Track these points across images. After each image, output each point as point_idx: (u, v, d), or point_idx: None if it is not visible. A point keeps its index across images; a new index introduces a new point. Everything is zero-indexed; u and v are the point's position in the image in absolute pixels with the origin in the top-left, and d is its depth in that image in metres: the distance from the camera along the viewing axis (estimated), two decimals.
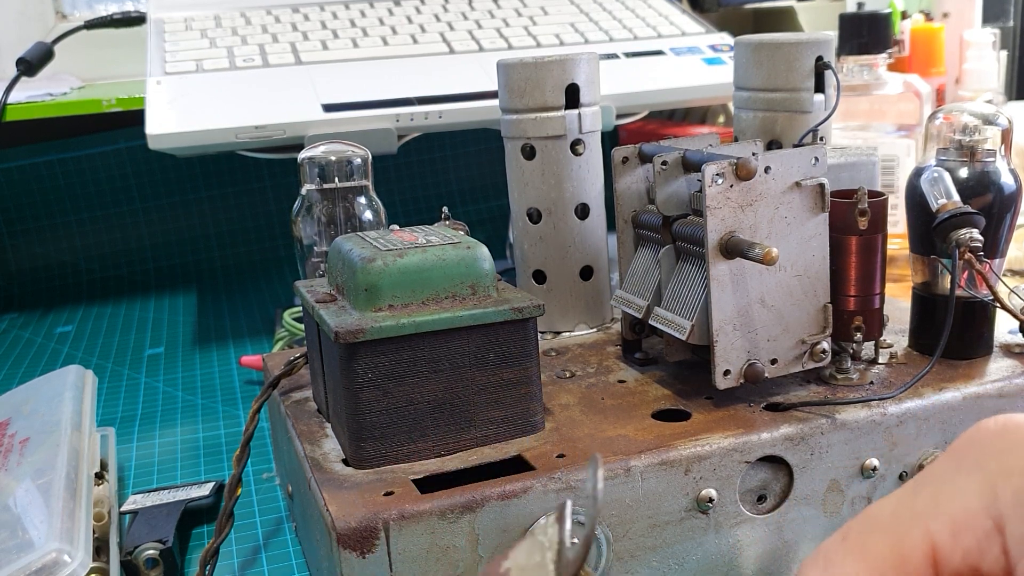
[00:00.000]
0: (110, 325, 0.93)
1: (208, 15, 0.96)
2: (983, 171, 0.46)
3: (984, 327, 0.47)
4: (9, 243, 1.04)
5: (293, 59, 0.85)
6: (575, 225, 0.54)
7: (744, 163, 0.40)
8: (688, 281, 0.44)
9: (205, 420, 0.67)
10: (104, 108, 0.87)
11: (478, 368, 0.41)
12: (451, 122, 0.77)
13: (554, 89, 0.52)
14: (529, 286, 0.56)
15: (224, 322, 0.90)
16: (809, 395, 0.44)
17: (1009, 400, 0.44)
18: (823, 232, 0.43)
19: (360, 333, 0.38)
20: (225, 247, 1.09)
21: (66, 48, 1.00)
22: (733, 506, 0.41)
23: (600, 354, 0.52)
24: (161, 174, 1.07)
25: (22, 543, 0.41)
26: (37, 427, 0.53)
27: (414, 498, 0.37)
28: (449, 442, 0.41)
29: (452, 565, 0.37)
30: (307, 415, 0.46)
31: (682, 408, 0.44)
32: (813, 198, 0.42)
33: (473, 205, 1.15)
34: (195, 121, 0.73)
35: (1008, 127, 0.46)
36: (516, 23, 0.94)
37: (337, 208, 0.57)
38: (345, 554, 0.35)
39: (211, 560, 0.42)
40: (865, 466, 0.42)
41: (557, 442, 0.41)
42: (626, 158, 0.49)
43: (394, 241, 0.43)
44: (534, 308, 0.41)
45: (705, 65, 0.86)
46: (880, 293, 0.45)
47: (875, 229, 0.44)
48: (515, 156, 0.54)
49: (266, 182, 1.10)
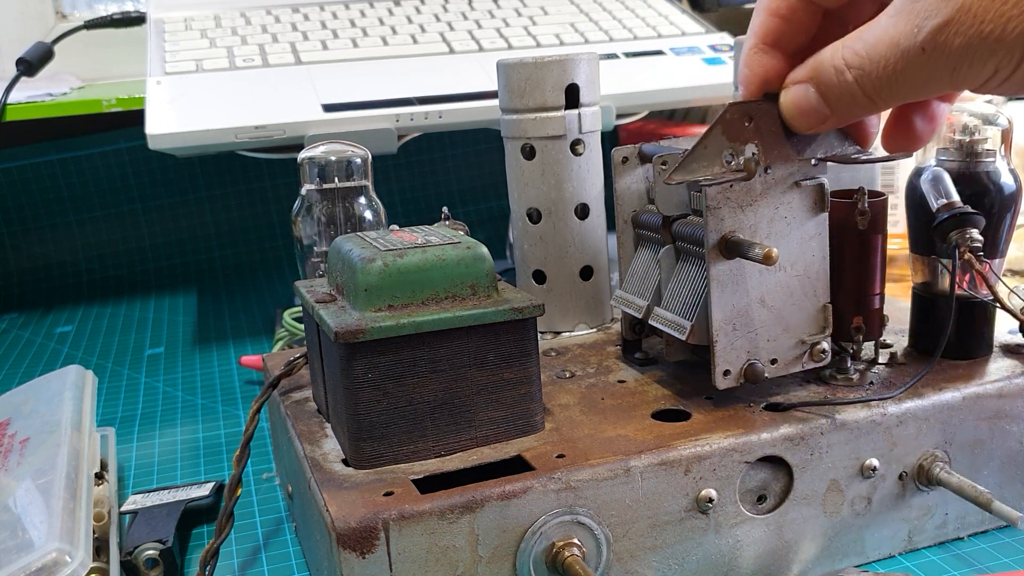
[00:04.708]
0: (110, 325, 0.93)
1: (208, 15, 0.96)
2: (983, 171, 0.46)
3: (984, 327, 0.47)
4: (9, 243, 1.04)
5: (293, 59, 0.85)
6: (575, 225, 0.54)
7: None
8: (688, 281, 0.44)
9: (205, 420, 0.67)
10: (104, 108, 0.87)
11: (478, 368, 0.41)
12: (451, 122, 0.77)
13: (554, 89, 0.52)
14: (529, 286, 0.56)
15: (224, 322, 0.90)
16: (809, 395, 0.44)
17: (1009, 400, 0.44)
18: (823, 232, 0.43)
19: (360, 333, 0.38)
20: (225, 247, 1.09)
21: (66, 48, 1.00)
22: (733, 506, 0.41)
23: (600, 354, 0.52)
24: (161, 174, 1.07)
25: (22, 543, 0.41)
26: (37, 427, 0.53)
27: (414, 498, 0.37)
28: (449, 442, 0.41)
29: (452, 565, 0.37)
30: (307, 415, 0.46)
31: (682, 408, 0.44)
32: (813, 198, 0.42)
33: (473, 205, 1.15)
34: (195, 121, 0.73)
35: (1008, 127, 0.46)
36: (516, 23, 0.94)
37: (337, 208, 0.57)
38: (345, 554, 0.35)
39: (211, 560, 0.42)
40: (865, 466, 0.42)
41: (557, 442, 0.41)
42: (626, 158, 0.49)
43: (394, 241, 0.43)
44: (534, 308, 0.41)
45: (705, 65, 0.86)
46: (880, 293, 0.45)
47: (875, 229, 0.44)
48: (515, 156, 0.54)
49: (266, 182, 1.10)
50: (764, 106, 0.40)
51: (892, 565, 0.44)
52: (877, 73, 0.34)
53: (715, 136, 0.40)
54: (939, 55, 0.33)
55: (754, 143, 0.40)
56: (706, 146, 0.40)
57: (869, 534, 0.44)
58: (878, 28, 0.34)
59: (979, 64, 0.32)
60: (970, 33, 0.31)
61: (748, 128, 0.40)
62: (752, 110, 0.40)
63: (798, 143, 0.41)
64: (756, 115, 0.40)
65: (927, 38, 0.32)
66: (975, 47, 0.32)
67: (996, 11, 0.31)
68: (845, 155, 0.42)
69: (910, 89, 0.35)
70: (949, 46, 0.32)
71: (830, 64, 0.36)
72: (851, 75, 0.35)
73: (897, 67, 0.34)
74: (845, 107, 0.37)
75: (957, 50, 0.32)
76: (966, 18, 0.31)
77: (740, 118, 0.40)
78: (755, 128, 0.40)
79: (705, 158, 0.40)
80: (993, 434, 0.45)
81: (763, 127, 0.40)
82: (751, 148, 0.40)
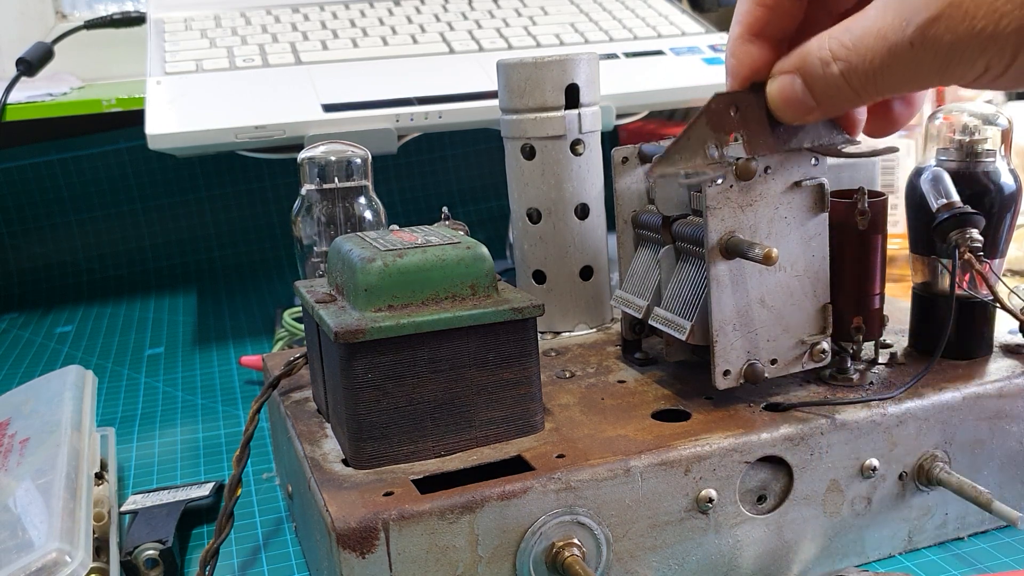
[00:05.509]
0: (110, 325, 0.93)
1: (208, 15, 0.96)
2: (983, 171, 0.46)
3: (984, 327, 0.47)
4: (9, 243, 1.04)
5: (293, 59, 0.85)
6: (575, 225, 0.54)
7: (744, 163, 0.40)
8: (688, 281, 0.44)
9: (205, 420, 0.67)
10: (104, 108, 0.87)
11: (478, 368, 0.41)
12: (451, 122, 0.77)
13: (554, 89, 0.52)
14: (529, 286, 0.56)
15: (224, 322, 0.90)
16: (809, 395, 0.44)
17: (1009, 400, 0.44)
18: (823, 232, 0.43)
19: (360, 333, 0.38)
20: (225, 247, 1.09)
21: (66, 48, 1.00)
22: (733, 506, 0.41)
23: (600, 354, 0.52)
24: (161, 174, 1.07)
25: (22, 543, 0.41)
26: (37, 427, 0.53)
27: (414, 498, 0.37)
28: (449, 442, 0.41)
29: (452, 565, 0.37)
30: (307, 415, 0.46)
31: (682, 408, 0.44)
32: (813, 198, 0.42)
33: (473, 205, 1.15)
34: (195, 121, 0.73)
35: (1008, 127, 0.46)
36: (516, 23, 0.94)
37: (337, 208, 0.57)
38: (345, 554, 0.35)
39: (211, 560, 0.42)
40: (865, 466, 0.42)
41: (557, 442, 0.41)
42: (626, 158, 0.49)
43: (394, 241, 0.43)
44: (534, 308, 0.41)
45: (705, 65, 0.86)
46: (880, 293, 0.45)
47: (875, 229, 0.44)
48: (515, 156, 0.54)
49: (266, 182, 1.10)
50: (750, 96, 0.39)
51: (892, 565, 0.44)
52: (864, 67, 0.34)
53: (699, 127, 0.39)
54: (928, 50, 0.32)
55: (740, 132, 0.40)
56: (690, 137, 0.39)
57: (869, 534, 0.44)
58: (866, 20, 0.34)
59: (969, 60, 0.32)
60: (961, 29, 0.31)
61: (734, 118, 0.39)
62: (738, 100, 0.39)
63: (784, 133, 0.40)
64: (742, 105, 0.39)
65: (916, 33, 0.32)
66: (966, 43, 0.31)
67: (988, 6, 0.30)
68: (832, 144, 0.41)
69: (897, 83, 0.34)
70: (939, 42, 0.31)
71: (816, 56, 0.36)
72: (837, 68, 0.35)
73: (884, 61, 0.33)
74: (831, 99, 0.36)
75: (947, 46, 0.31)
76: (957, 13, 0.31)
77: (726, 108, 0.39)
78: (741, 118, 0.39)
79: (688, 149, 0.39)
80: (993, 434, 0.45)
81: (749, 117, 0.39)
82: (742, 149, 0.40)
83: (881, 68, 0.33)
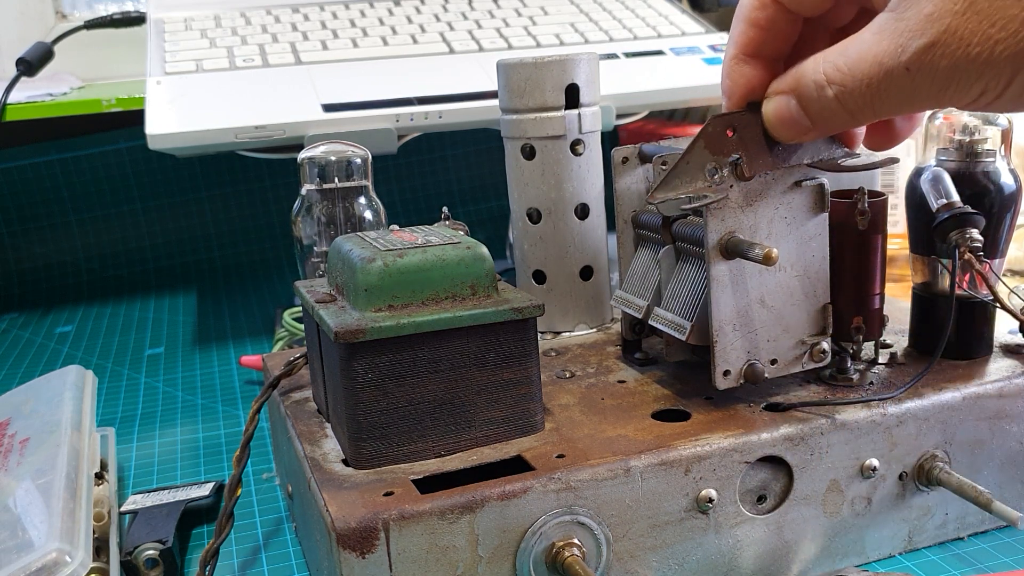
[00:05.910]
0: (110, 325, 0.93)
1: (208, 15, 0.96)
2: (983, 171, 0.46)
3: (984, 327, 0.47)
4: (9, 243, 1.04)
5: (293, 59, 0.85)
6: (575, 225, 0.54)
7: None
8: (688, 281, 0.44)
9: (205, 420, 0.67)
10: (104, 108, 0.87)
11: (478, 368, 0.41)
12: (451, 122, 0.77)
13: (554, 89, 0.52)
14: (529, 286, 0.56)
15: (224, 322, 0.90)
16: (809, 395, 0.44)
17: (1009, 400, 0.44)
18: (823, 232, 0.43)
19: (360, 333, 0.38)
20: (225, 247, 1.09)
21: (66, 48, 1.00)
22: (733, 506, 0.41)
23: (600, 354, 0.52)
24: (161, 174, 1.07)
25: (22, 543, 0.41)
26: (37, 427, 0.53)
27: (414, 498, 0.37)
28: (449, 442, 0.41)
29: (452, 565, 0.37)
30: (307, 415, 0.46)
31: (682, 408, 0.44)
32: (813, 198, 0.42)
33: (473, 205, 1.15)
34: (195, 121, 0.73)
35: (1008, 127, 0.46)
36: (516, 23, 0.94)
37: (337, 208, 0.57)
38: (345, 554, 0.35)
39: (211, 560, 0.42)
40: (865, 466, 0.42)
41: (557, 442, 0.41)
42: (626, 158, 0.49)
43: (394, 241, 0.43)
44: (534, 308, 0.41)
45: (705, 65, 0.86)
46: (880, 293, 0.45)
47: (875, 229, 0.44)
48: (515, 156, 0.54)
49: (266, 182, 1.10)
50: (747, 116, 0.39)
51: (892, 565, 0.44)
52: (860, 91, 0.34)
53: (698, 150, 0.39)
54: (924, 76, 0.32)
55: (738, 154, 0.40)
56: (688, 161, 0.39)
57: (869, 534, 0.44)
58: (861, 44, 0.34)
59: (966, 86, 0.32)
60: (957, 55, 0.31)
61: (731, 140, 0.39)
62: (735, 121, 0.39)
63: (783, 151, 0.40)
64: (739, 126, 0.39)
65: (912, 58, 0.32)
66: (962, 68, 0.31)
67: (983, 34, 0.31)
68: (832, 159, 0.42)
69: (892, 107, 0.34)
70: (935, 67, 0.32)
71: (811, 78, 0.36)
72: (832, 91, 0.35)
73: (880, 86, 0.33)
74: (826, 121, 0.37)
75: (943, 71, 0.32)
76: (952, 40, 0.31)
77: (722, 130, 0.39)
78: (738, 139, 0.40)
79: (688, 173, 0.40)
80: (993, 434, 0.45)
81: (746, 137, 0.40)
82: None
83: (877, 93, 0.34)
